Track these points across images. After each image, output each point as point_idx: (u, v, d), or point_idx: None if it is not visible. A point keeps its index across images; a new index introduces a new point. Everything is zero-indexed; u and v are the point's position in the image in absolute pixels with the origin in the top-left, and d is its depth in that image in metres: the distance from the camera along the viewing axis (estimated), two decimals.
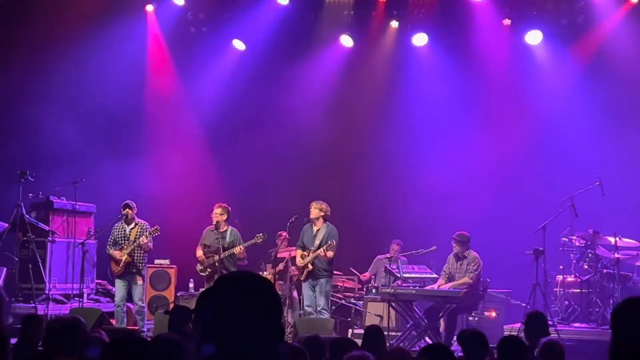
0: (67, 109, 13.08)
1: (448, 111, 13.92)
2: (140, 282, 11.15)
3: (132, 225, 11.23)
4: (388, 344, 9.35)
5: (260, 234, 11.19)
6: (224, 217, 11.29)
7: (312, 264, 10.93)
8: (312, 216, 11.06)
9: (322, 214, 11.02)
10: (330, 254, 10.80)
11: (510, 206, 12.85)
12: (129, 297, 11.27)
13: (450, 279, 10.80)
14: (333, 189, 13.03)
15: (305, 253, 11.03)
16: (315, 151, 14.15)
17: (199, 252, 11.33)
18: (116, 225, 11.30)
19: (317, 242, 10.95)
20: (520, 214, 12.46)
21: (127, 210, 11.17)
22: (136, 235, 11.13)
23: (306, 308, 10.98)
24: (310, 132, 14.12)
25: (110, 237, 11.30)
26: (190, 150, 14.36)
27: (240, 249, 11.15)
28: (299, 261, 11.04)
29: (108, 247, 11.27)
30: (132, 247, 11.06)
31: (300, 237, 11.23)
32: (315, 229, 11.07)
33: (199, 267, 11.37)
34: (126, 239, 11.16)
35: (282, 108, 14.31)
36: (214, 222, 11.28)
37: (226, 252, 11.13)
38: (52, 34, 12.96)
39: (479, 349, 5.31)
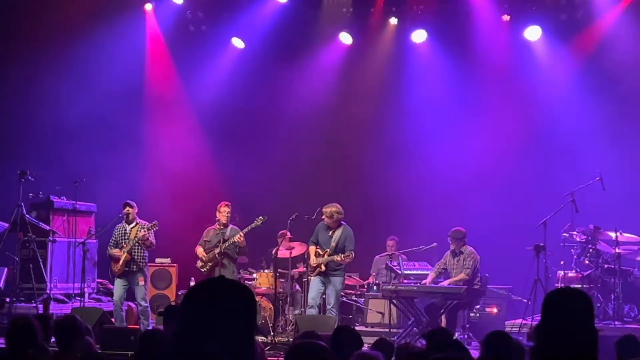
0: (67, 108, 13.08)
1: (447, 107, 13.91)
2: (142, 282, 11.01)
3: (133, 224, 11.10)
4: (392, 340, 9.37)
5: (260, 217, 11.07)
6: (230, 216, 11.27)
7: (325, 265, 10.81)
8: (326, 222, 10.90)
9: (335, 218, 10.87)
10: (346, 261, 10.75)
11: (511, 202, 12.85)
12: (129, 297, 11.20)
13: (445, 275, 10.81)
14: (333, 187, 13.03)
15: (320, 251, 10.89)
16: (314, 150, 14.13)
17: (200, 250, 11.27)
18: (117, 226, 11.19)
19: (333, 244, 10.80)
20: (521, 210, 12.45)
21: (127, 209, 11.03)
22: (136, 234, 11.05)
23: (310, 301, 10.77)
24: (309, 130, 14.11)
25: (112, 238, 11.18)
26: (190, 149, 14.34)
27: (240, 237, 11.02)
28: (313, 260, 10.91)
29: (109, 248, 11.15)
30: (132, 244, 10.93)
31: (314, 233, 11.04)
32: (330, 231, 10.92)
33: (199, 263, 11.31)
34: (127, 238, 11.04)
35: (280, 107, 14.30)
36: (222, 222, 11.16)
37: (226, 242, 11.07)
38: (48, 33, 12.97)
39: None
